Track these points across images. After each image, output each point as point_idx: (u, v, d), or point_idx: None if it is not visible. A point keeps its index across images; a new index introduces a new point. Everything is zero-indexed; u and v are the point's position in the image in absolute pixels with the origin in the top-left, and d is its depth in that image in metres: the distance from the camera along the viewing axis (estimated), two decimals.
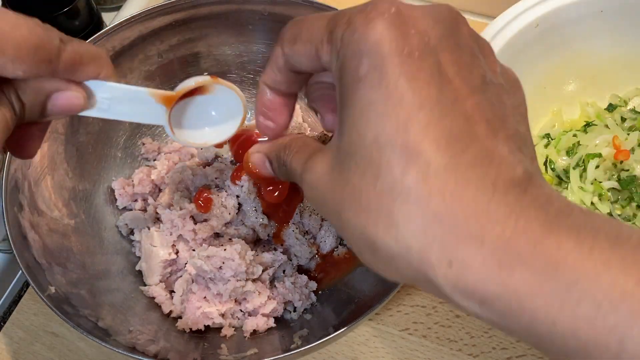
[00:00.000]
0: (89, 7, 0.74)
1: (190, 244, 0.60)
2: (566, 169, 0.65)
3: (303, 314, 0.60)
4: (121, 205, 0.65)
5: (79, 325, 0.50)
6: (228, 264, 0.56)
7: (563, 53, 0.68)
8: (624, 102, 0.70)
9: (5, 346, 0.63)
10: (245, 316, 0.59)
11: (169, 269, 0.61)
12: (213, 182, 0.63)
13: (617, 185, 0.62)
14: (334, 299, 0.61)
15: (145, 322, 0.57)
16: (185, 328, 0.58)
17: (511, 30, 0.64)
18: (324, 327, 0.57)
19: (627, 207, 0.62)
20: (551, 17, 0.65)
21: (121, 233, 0.64)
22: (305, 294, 0.60)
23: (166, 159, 0.66)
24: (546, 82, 0.69)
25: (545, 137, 0.68)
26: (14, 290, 0.68)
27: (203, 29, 0.67)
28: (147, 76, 0.67)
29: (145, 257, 0.61)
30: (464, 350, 0.62)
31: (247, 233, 0.61)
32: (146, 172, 0.65)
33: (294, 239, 0.62)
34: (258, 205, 0.61)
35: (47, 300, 0.50)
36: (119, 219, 0.64)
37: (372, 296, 0.57)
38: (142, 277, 0.62)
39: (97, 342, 0.49)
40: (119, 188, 0.65)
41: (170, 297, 0.60)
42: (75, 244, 0.59)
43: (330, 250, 0.64)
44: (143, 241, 0.61)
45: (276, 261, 0.60)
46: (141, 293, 0.60)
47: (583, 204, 0.62)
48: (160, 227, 0.61)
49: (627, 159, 0.63)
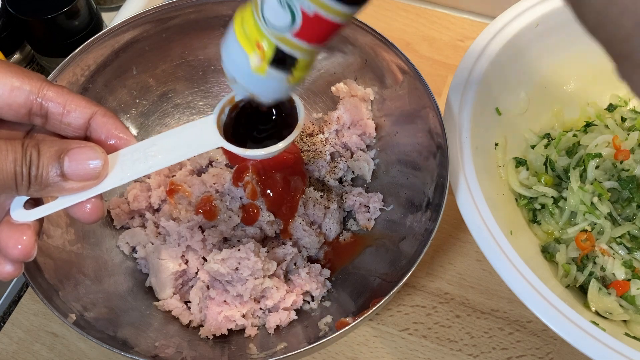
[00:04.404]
0: (89, 7, 0.74)
1: (200, 253, 0.61)
2: (566, 168, 0.65)
3: (322, 301, 0.61)
4: (118, 224, 0.65)
5: (106, 343, 0.49)
6: (244, 263, 0.57)
7: (563, 53, 0.68)
8: (624, 102, 0.70)
9: (5, 346, 0.63)
10: (266, 313, 0.60)
11: (180, 280, 0.61)
12: (212, 188, 0.63)
13: (617, 185, 0.62)
14: (349, 283, 0.62)
15: (167, 336, 0.57)
16: (208, 335, 0.58)
17: (511, 31, 0.64)
18: (344, 312, 0.58)
19: (627, 207, 0.62)
20: (551, 17, 0.65)
21: (123, 252, 0.63)
22: (321, 282, 0.61)
23: (156, 174, 0.66)
24: (546, 82, 0.69)
25: (545, 137, 0.68)
26: (14, 290, 0.68)
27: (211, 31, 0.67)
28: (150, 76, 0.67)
29: (154, 271, 0.61)
30: (464, 350, 0.62)
31: (255, 232, 0.62)
32: (139, 188, 0.65)
33: (302, 231, 0.63)
34: (262, 203, 0.62)
35: (73, 325, 0.50)
36: (118, 239, 0.64)
37: (388, 272, 0.58)
38: (153, 293, 0.61)
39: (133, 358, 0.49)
40: (114, 208, 0.64)
41: (187, 308, 0.60)
42: (82, 271, 0.59)
43: (336, 237, 0.65)
44: (149, 256, 0.61)
45: (288, 255, 0.61)
46: (156, 308, 0.60)
47: (583, 204, 0.62)
48: (165, 240, 0.61)
49: (627, 159, 0.62)
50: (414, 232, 0.59)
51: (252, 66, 0.37)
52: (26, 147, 0.37)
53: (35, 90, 0.40)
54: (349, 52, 0.66)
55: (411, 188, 0.63)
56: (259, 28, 0.36)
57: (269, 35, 0.36)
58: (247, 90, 0.39)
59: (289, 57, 0.37)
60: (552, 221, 0.63)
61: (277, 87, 0.39)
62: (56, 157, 0.38)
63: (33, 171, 0.37)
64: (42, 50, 0.75)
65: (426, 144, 0.60)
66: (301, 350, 0.49)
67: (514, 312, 0.63)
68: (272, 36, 0.36)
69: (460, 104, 0.60)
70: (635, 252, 0.59)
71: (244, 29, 0.37)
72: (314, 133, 0.68)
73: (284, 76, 0.38)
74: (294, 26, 0.35)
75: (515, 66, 0.66)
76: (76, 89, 0.62)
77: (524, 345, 0.61)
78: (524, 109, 0.68)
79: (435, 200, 0.56)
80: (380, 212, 0.65)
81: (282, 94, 0.40)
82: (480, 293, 0.65)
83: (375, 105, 0.68)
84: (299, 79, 0.39)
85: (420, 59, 0.81)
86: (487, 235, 0.53)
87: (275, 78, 0.38)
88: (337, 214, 0.65)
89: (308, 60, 0.38)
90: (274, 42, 0.36)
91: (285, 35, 0.36)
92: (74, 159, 0.39)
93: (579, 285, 0.60)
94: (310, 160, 0.66)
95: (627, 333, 0.56)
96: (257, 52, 0.37)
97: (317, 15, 0.34)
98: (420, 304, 0.64)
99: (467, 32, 0.84)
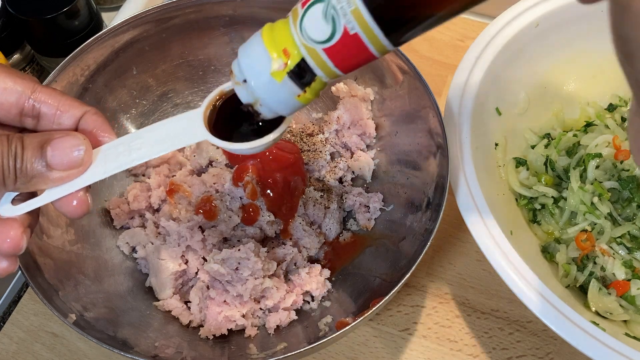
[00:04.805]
0: (89, 7, 0.74)
1: (200, 253, 0.60)
2: (566, 169, 0.65)
3: (322, 301, 0.61)
4: (118, 224, 0.65)
5: (106, 343, 0.49)
6: (244, 263, 0.57)
7: (563, 53, 0.68)
8: (624, 102, 0.70)
9: (5, 346, 0.63)
10: (266, 313, 0.60)
11: (180, 280, 0.61)
12: (212, 188, 0.63)
13: (617, 185, 0.62)
14: (349, 283, 0.62)
15: (167, 336, 0.57)
16: (208, 335, 0.58)
17: (511, 30, 0.64)
18: (344, 312, 0.58)
19: (627, 207, 0.62)
20: (551, 17, 0.65)
21: (123, 252, 0.63)
22: (321, 282, 0.61)
23: (156, 174, 0.66)
24: (546, 82, 0.69)
25: (545, 137, 0.68)
26: (14, 290, 0.68)
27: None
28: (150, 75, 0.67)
29: (154, 271, 0.61)
30: (464, 350, 0.62)
31: (255, 232, 0.62)
32: (139, 188, 0.65)
33: (302, 231, 0.63)
34: (262, 203, 0.62)
35: (73, 325, 0.50)
36: (118, 239, 0.64)
37: (388, 272, 0.58)
38: (153, 293, 0.61)
39: (133, 358, 0.49)
40: (113, 208, 0.64)
41: (187, 308, 0.60)
42: (82, 271, 0.59)
43: (336, 237, 0.65)
44: (149, 256, 0.61)
45: (288, 255, 0.61)
46: (156, 309, 0.60)
47: (583, 204, 0.62)
48: (165, 240, 0.61)
49: (627, 159, 0.62)
50: (414, 232, 0.59)
51: (272, 69, 0.37)
52: (11, 141, 0.38)
53: (27, 91, 0.41)
54: None
55: (411, 188, 0.63)
56: (290, 35, 0.37)
57: (300, 45, 0.36)
58: (254, 94, 0.39)
59: (310, 72, 0.37)
60: (552, 221, 0.63)
61: (285, 100, 0.39)
62: (39, 148, 0.39)
63: (18, 164, 0.38)
64: (42, 50, 0.75)
65: (426, 144, 0.60)
66: (301, 351, 0.49)
67: (514, 312, 0.63)
68: (303, 46, 0.36)
69: (460, 104, 0.60)
70: (635, 252, 0.59)
71: (272, 34, 0.38)
72: (314, 133, 0.68)
73: (296, 90, 0.38)
74: (330, 41, 0.35)
75: (515, 66, 0.66)
76: (76, 89, 0.62)
77: (524, 345, 0.61)
78: (524, 109, 0.68)
79: (435, 200, 0.56)
80: (380, 212, 0.65)
81: (285, 110, 0.40)
82: (480, 293, 0.65)
83: (375, 105, 0.68)
84: (307, 100, 0.39)
85: (420, 59, 0.81)
86: (487, 235, 0.53)
87: (288, 89, 0.38)
88: (337, 214, 0.65)
89: (322, 84, 0.39)
90: (302, 52, 0.36)
91: (316, 48, 0.36)
92: (57, 148, 0.39)
93: (579, 285, 0.60)
94: (310, 160, 0.66)
95: (627, 333, 0.56)
96: (282, 57, 0.37)
97: (356, 36, 0.35)
98: (420, 304, 0.64)
99: (467, 32, 0.84)
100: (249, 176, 0.61)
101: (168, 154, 0.67)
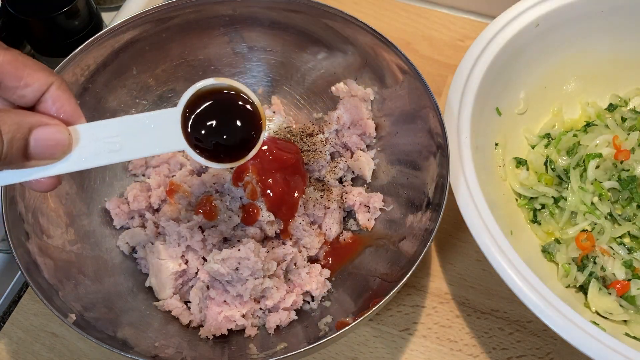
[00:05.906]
0: (89, 7, 0.74)
1: (200, 253, 0.60)
2: (566, 168, 0.65)
3: (322, 301, 0.61)
4: (118, 224, 0.64)
5: (106, 343, 0.49)
6: (244, 263, 0.57)
7: (563, 53, 0.68)
8: (624, 102, 0.70)
9: (5, 346, 0.63)
10: (266, 313, 0.60)
11: (180, 280, 0.61)
12: (212, 188, 0.63)
13: (617, 185, 0.62)
14: (349, 283, 0.62)
15: (167, 336, 0.57)
16: (208, 335, 0.58)
17: (511, 30, 0.64)
18: (344, 312, 0.58)
19: (627, 207, 0.62)
20: (551, 17, 0.65)
21: (123, 252, 0.63)
22: (321, 282, 0.61)
23: (156, 174, 0.66)
24: (546, 82, 0.69)
25: (545, 137, 0.68)
26: (14, 290, 0.68)
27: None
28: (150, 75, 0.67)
29: (154, 271, 0.60)
30: (464, 350, 0.62)
31: (255, 232, 0.62)
32: (139, 188, 0.65)
33: (302, 231, 0.63)
34: (262, 203, 0.62)
35: (73, 325, 0.50)
36: (118, 239, 0.64)
37: (388, 272, 0.58)
38: (153, 293, 0.61)
39: (133, 358, 0.49)
40: (113, 208, 0.64)
41: (187, 308, 0.60)
42: (82, 271, 0.58)
43: (336, 237, 0.65)
44: (149, 256, 0.61)
45: (288, 254, 0.61)
46: (156, 309, 0.60)
47: (583, 204, 0.62)
48: (165, 240, 0.61)
49: (627, 159, 0.62)
50: (414, 232, 0.59)
51: None
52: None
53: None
54: (349, 52, 0.66)
55: (411, 188, 0.63)
56: None
57: None
58: None
59: None
60: (552, 221, 0.63)
61: None
62: (23, 138, 0.37)
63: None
64: (42, 50, 0.75)
65: (426, 144, 0.60)
66: (301, 350, 0.49)
67: (514, 312, 0.63)
68: None
69: (460, 104, 0.60)
70: (635, 252, 0.59)
71: None
72: (314, 133, 0.68)
73: None
74: None
75: (515, 66, 0.66)
76: (76, 88, 0.62)
77: (524, 345, 0.61)
78: (524, 109, 0.68)
79: (435, 200, 0.56)
80: (381, 212, 0.65)
81: None
82: (480, 293, 0.65)
83: (375, 105, 0.68)
84: None
85: (420, 59, 0.81)
86: (487, 235, 0.53)
87: None
88: (337, 214, 0.65)
89: None
90: None
91: None
92: (40, 139, 0.38)
93: (579, 285, 0.60)
94: (310, 160, 0.66)
95: (627, 333, 0.56)
96: None
97: None
98: (420, 304, 0.64)
99: (467, 32, 0.84)
100: (249, 176, 0.61)
101: (168, 154, 0.67)
